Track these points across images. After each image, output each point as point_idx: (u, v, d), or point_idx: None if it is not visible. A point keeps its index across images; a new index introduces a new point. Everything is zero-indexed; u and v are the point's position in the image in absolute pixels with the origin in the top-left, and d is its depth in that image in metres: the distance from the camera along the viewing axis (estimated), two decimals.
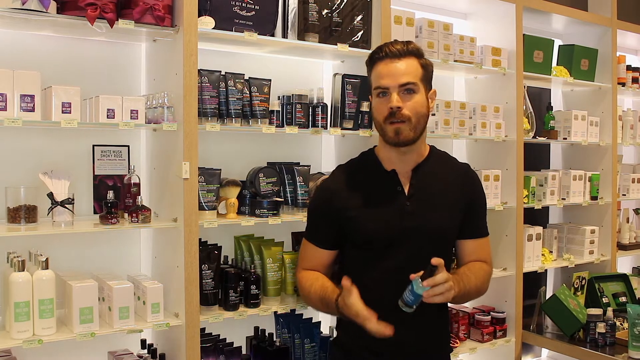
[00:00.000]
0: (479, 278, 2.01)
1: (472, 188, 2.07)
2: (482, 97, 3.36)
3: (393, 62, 1.91)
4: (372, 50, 2.68)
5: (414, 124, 1.90)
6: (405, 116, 1.88)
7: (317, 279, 2.01)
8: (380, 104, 1.92)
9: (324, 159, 2.99)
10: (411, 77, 1.91)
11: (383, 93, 1.91)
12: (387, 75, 1.91)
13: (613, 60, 3.77)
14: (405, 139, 1.90)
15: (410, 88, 1.90)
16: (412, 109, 1.89)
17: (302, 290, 2.04)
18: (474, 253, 2.07)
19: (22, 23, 2.13)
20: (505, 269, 3.26)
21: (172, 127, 2.24)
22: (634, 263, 4.37)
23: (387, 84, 1.90)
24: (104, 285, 2.20)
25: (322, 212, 2.03)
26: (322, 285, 1.97)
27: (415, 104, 1.90)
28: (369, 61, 1.99)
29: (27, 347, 1.96)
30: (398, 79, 1.89)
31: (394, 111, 1.88)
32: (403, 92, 1.89)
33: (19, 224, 2.10)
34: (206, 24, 2.30)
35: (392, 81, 1.89)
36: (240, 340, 2.65)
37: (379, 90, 1.92)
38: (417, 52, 1.96)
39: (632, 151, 4.47)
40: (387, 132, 1.91)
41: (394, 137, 1.90)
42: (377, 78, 1.93)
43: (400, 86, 1.89)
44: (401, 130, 1.89)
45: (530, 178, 3.36)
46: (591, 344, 3.03)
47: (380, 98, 1.92)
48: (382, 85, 1.91)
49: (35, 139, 2.31)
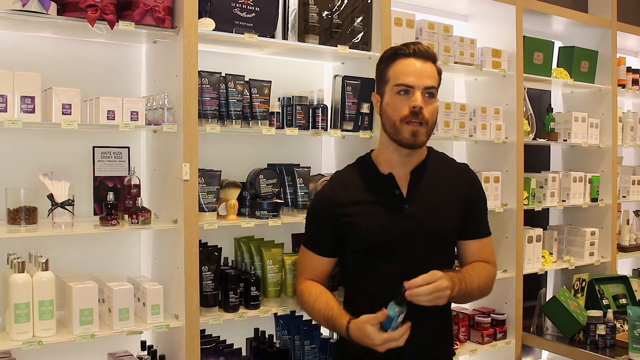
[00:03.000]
0: (482, 278, 1.99)
1: (471, 188, 2.06)
2: (482, 98, 3.36)
3: (420, 62, 1.87)
4: (372, 52, 2.72)
5: (429, 129, 1.89)
6: (425, 119, 1.86)
7: (321, 294, 1.98)
8: (400, 102, 1.87)
9: (324, 160, 2.99)
10: (433, 82, 1.89)
11: (405, 91, 1.86)
12: (413, 73, 1.86)
13: (613, 62, 3.77)
14: (421, 142, 1.89)
15: (432, 92, 1.88)
16: (431, 113, 1.87)
17: (304, 304, 2.02)
18: (477, 254, 2.05)
19: (23, 24, 2.13)
20: (506, 271, 3.26)
21: (173, 128, 2.24)
22: (634, 265, 4.37)
23: (414, 83, 1.85)
24: (104, 287, 2.20)
25: (320, 219, 2.02)
26: (327, 304, 1.95)
27: (434, 109, 1.89)
28: (390, 56, 1.92)
29: (26, 348, 1.96)
30: (424, 81, 1.86)
31: (417, 111, 1.84)
32: (426, 94, 1.87)
33: (19, 225, 2.10)
34: (206, 25, 2.30)
35: (418, 81, 1.85)
36: (240, 341, 2.65)
37: (401, 87, 1.86)
38: (435, 58, 1.95)
39: (632, 153, 4.47)
40: (402, 132, 1.87)
41: (410, 138, 1.86)
42: (401, 75, 1.87)
43: (425, 88, 1.86)
44: (419, 132, 1.86)
45: (530, 180, 3.36)
46: (591, 345, 3.03)
47: (401, 96, 1.87)
48: (407, 83, 1.86)
49: (35, 141, 2.31)
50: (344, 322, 1.87)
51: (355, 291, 1.96)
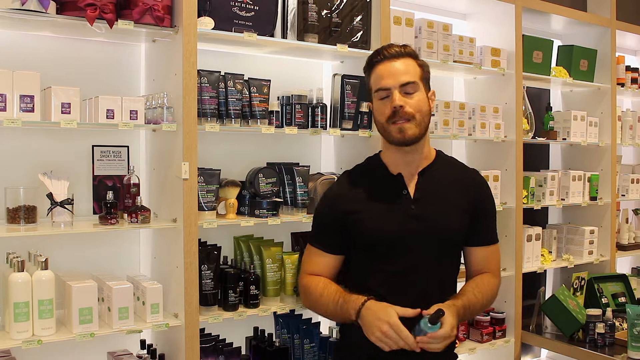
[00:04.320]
0: (485, 296, 2.00)
1: (480, 193, 2.06)
2: (482, 97, 3.36)
3: (392, 63, 1.92)
4: (371, 51, 2.71)
5: (418, 121, 1.90)
6: (409, 114, 1.88)
7: (330, 283, 1.98)
8: (382, 105, 1.92)
9: (323, 159, 2.99)
10: (410, 77, 1.91)
11: (386, 95, 1.91)
12: (387, 75, 1.91)
13: (612, 60, 3.77)
14: (411, 137, 1.90)
15: (411, 87, 1.90)
16: (415, 106, 1.89)
17: (310, 295, 2.00)
18: (483, 262, 2.06)
19: (22, 23, 2.13)
20: (505, 270, 3.26)
21: (172, 127, 2.24)
22: (633, 263, 4.37)
23: (388, 84, 1.90)
24: (104, 286, 2.20)
25: (328, 216, 2.03)
26: (337, 289, 1.94)
27: (418, 101, 1.90)
28: (367, 66, 1.99)
29: (26, 347, 1.96)
30: (399, 79, 1.90)
31: (397, 110, 1.87)
32: (404, 91, 1.90)
33: (19, 224, 2.10)
34: (205, 24, 2.30)
35: (393, 81, 1.90)
36: (239, 340, 2.66)
37: (380, 92, 1.92)
38: (414, 54, 1.97)
39: (631, 151, 4.47)
40: (390, 132, 1.91)
41: (398, 136, 1.89)
42: (378, 80, 1.93)
43: (402, 85, 1.89)
44: (405, 128, 1.88)
45: (529, 178, 3.36)
46: (590, 344, 3.03)
47: (382, 100, 1.92)
48: (383, 86, 1.91)
49: (34, 140, 2.31)
50: (361, 299, 1.85)
51: (358, 290, 1.96)
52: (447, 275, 2.01)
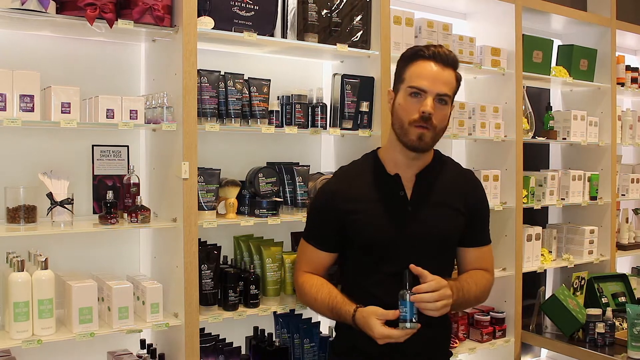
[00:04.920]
0: (479, 287, 2.00)
1: (475, 195, 2.06)
2: (482, 97, 3.36)
3: (438, 67, 1.86)
4: (371, 50, 2.72)
5: (436, 134, 1.88)
6: (433, 125, 1.85)
7: (322, 285, 1.98)
8: (411, 104, 1.86)
9: (323, 159, 2.99)
10: (448, 89, 1.87)
11: (416, 94, 1.85)
12: (429, 77, 1.85)
13: (612, 60, 3.77)
14: (425, 147, 1.88)
15: (445, 100, 1.87)
16: (440, 120, 1.87)
17: (305, 296, 2.02)
18: (476, 262, 2.06)
19: (22, 23, 2.13)
20: (505, 269, 3.26)
21: (172, 127, 2.24)
22: (633, 263, 4.37)
23: (427, 87, 1.84)
24: (104, 285, 2.20)
25: (323, 213, 2.02)
26: (329, 294, 1.95)
27: (444, 116, 1.88)
28: (410, 56, 1.91)
29: (26, 347, 1.96)
30: (438, 87, 1.84)
31: (426, 117, 1.83)
32: (437, 100, 1.85)
33: (19, 224, 2.10)
34: (205, 24, 2.30)
35: (432, 86, 1.84)
36: (239, 340, 2.66)
37: (413, 89, 1.86)
38: (456, 64, 1.92)
39: (631, 151, 4.47)
40: (409, 134, 1.86)
41: (416, 141, 1.86)
42: (416, 76, 1.86)
43: (438, 95, 1.85)
44: (425, 136, 1.85)
45: (529, 178, 3.36)
46: (590, 344, 3.03)
47: (412, 98, 1.86)
48: (420, 87, 1.85)
49: (34, 139, 2.31)
50: (350, 309, 1.88)
51: (353, 290, 1.96)
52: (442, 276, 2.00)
